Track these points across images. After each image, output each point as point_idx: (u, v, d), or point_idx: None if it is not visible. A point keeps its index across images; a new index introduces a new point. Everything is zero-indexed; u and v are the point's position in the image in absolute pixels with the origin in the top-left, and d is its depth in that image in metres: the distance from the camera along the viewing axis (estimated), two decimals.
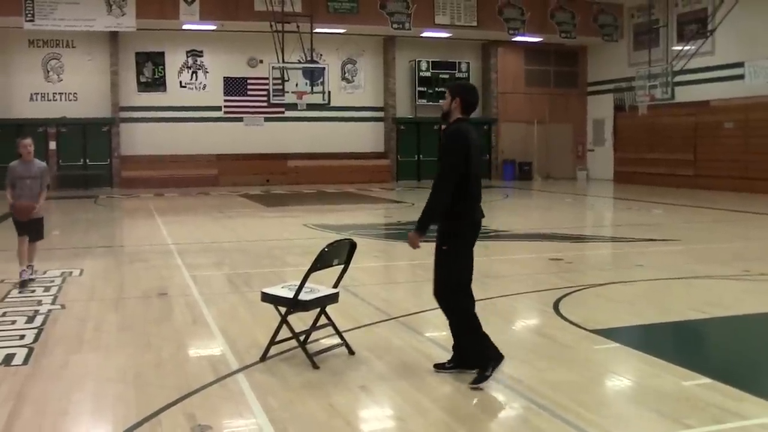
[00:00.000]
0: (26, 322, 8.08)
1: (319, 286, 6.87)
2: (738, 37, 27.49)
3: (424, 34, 32.79)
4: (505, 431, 5.13)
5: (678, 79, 28.70)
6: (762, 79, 26.13)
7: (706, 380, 5.94)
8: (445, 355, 6.46)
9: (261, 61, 31.78)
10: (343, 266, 6.92)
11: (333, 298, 6.86)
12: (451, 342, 6.35)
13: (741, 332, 7.91)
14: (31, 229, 10.34)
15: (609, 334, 7.30)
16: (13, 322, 8.09)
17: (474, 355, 6.11)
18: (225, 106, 32.36)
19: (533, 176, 35.12)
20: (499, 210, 22.14)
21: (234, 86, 32.42)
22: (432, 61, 34.27)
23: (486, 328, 7.56)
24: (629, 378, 6.19)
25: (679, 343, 7.55)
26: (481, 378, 5.97)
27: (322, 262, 6.48)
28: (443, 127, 6.35)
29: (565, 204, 23.92)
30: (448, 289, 6.16)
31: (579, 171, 36.16)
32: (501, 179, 34.58)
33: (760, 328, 8.04)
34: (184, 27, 29.75)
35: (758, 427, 5.04)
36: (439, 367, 6.28)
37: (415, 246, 6.21)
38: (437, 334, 7.43)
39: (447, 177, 6.01)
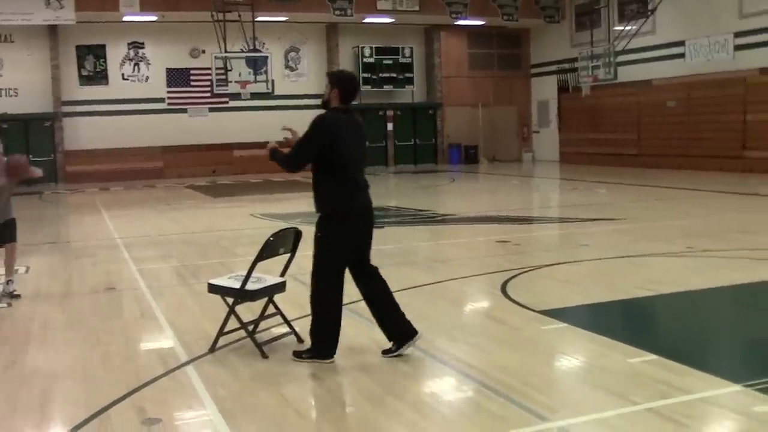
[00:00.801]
0: None
1: (267, 275, 6.84)
2: (678, 15, 27.85)
3: (367, 20, 32.75)
4: (457, 416, 5.14)
5: (620, 59, 29.01)
6: (702, 57, 26.47)
7: (652, 357, 6.01)
8: None
9: (203, 51, 31.49)
10: (289, 255, 6.91)
11: (280, 287, 6.84)
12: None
13: (685, 308, 8.04)
14: (3, 231, 9.29)
15: (556, 314, 7.37)
16: None
17: (314, 334, 6.29)
18: (168, 98, 32.01)
19: (479, 159, 35.30)
20: (446, 194, 22.27)
21: (177, 77, 32.10)
22: (375, 47, 34.18)
23: (434, 312, 7.66)
24: (577, 357, 6.27)
25: (625, 321, 7.65)
26: (304, 354, 6.27)
27: (268, 251, 6.47)
28: None
29: (511, 186, 24.12)
30: (315, 276, 6.27)
31: (525, 153, 36.43)
32: (447, 163, 34.71)
33: (703, 303, 8.19)
34: (125, 19, 29.38)
35: (702, 401, 5.13)
36: (387, 353, 6.31)
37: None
38: None
39: (293, 158, 6.39)
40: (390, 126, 34.86)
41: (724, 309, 8.12)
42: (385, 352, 6.31)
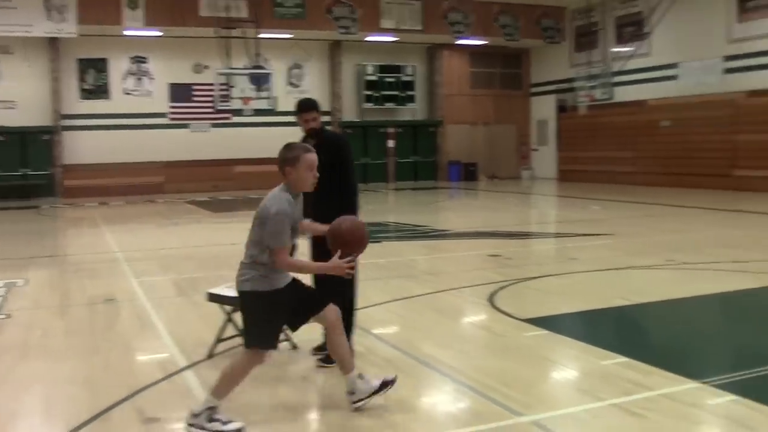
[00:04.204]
0: None
1: None
2: (672, 39, 28.32)
3: (370, 39, 33.08)
4: (439, 413, 5.46)
5: (617, 79, 29.39)
6: (695, 79, 26.91)
7: (623, 359, 6.41)
8: (384, 347, 6.78)
9: (207, 67, 31.65)
10: None
11: None
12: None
13: (657, 316, 8.43)
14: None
15: (539, 322, 7.68)
16: None
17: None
18: (170, 113, 32.18)
19: (479, 177, 35.59)
20: (444, 210, 22.54)
21: (179, 92, 32.25)
22: (378, 65, 34.56)
23: (424, 321, 7.98)
24: (554, 360, 6.60)
25: (602, 327, 8.01)
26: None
27: None
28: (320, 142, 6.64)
29: (508, 203, 24.34)
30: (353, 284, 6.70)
31: (523, 170, 36.73)
32: (447, 180, 34.98)
33: (673, 311, 8.57)
34: (128, 33, 29.50)
35: (662, 396, 5.52)
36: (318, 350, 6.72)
37: None
38: (383, 331, 7.70)
39: (354, 176, 6.79)
40: (391, 143, 35.19)
41: (692, 316, 8.52)
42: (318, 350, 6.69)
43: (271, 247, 5.18)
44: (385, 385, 5.44)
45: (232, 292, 6.83)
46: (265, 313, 5.27)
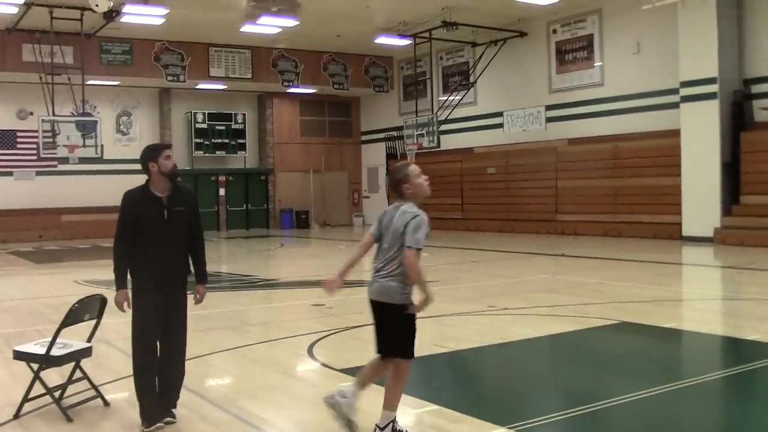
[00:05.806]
0: None
1: (74, 341, 6.97)
2: (496, 88, 29.55)
3: (200, 86, 33.01)
4: None
5: (444, 127, 30.19)
6: (518, 127, 28.02)
7: (434, 407, 6.57)
8: (201, 403, 6.73)
9: (31, 113, 30.84)
10: (95, 321, 7.07)
11: (86, 352, 6.98)
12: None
13: (471, 362, 8.69)
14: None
15: (355, 372, 7.74)
16: None
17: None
18: None
19: (311, 224, 35.82)
20: (273, 259, 22.56)
21: (3, 139, 31.28)
22: (208, 113, 34.47)
23: (240, 373, 7.92)
24: (365, 411, 6.61)
25: (416, 375, 8.04)
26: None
27: (72, 318, 6.62)
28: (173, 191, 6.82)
29: (337, 251, 24.54)
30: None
31: (355, 217, 37.22)
32: (279, 228, 35.05)
33: (488, 356, 8.86)
34: None
35: None
36: None
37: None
38: (197, 384, 7.64)
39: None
40: (222, 191, 35.10)
41: (506, 361, 8.78)
42: None
43: (413, 247, 5.69)
44: None
45: (39, 349, 6.69)
46: (414, 325, 5.94)
